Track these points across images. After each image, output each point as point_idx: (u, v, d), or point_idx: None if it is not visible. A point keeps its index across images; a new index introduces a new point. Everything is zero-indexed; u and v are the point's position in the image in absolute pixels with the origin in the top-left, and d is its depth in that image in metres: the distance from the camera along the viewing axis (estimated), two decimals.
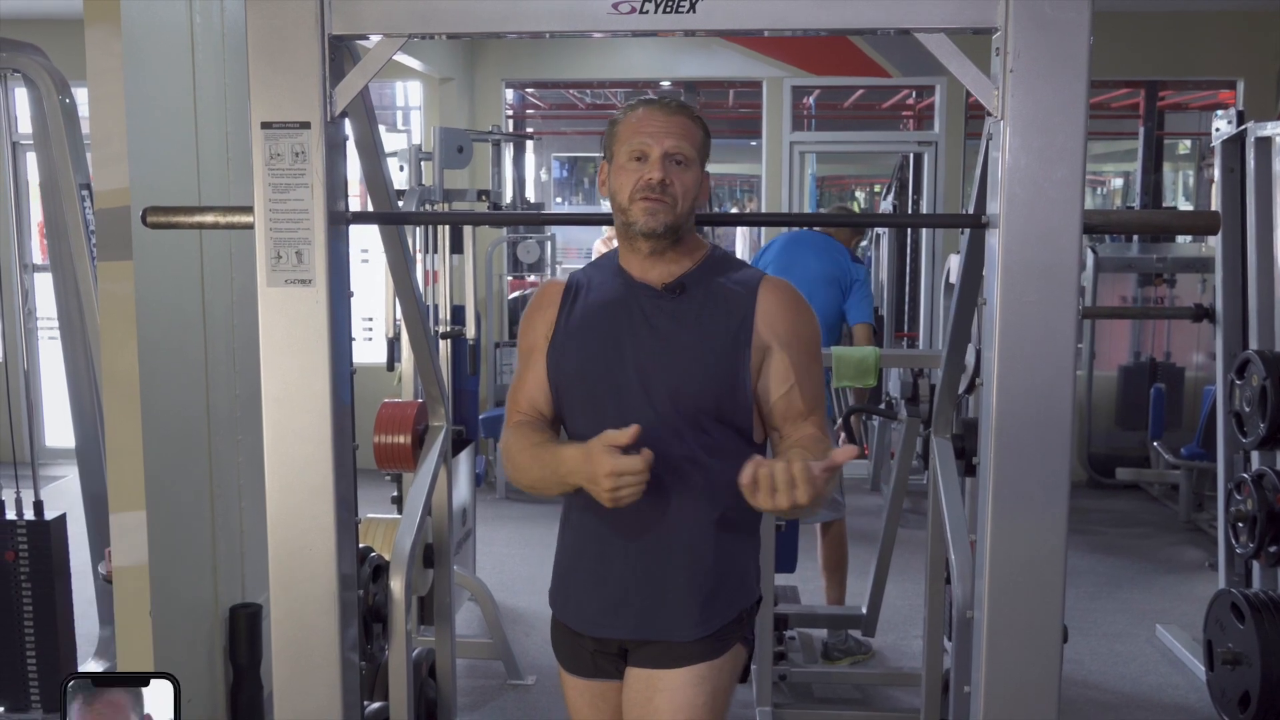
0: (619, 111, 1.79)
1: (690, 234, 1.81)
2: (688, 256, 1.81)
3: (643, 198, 1.72)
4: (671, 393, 1.74)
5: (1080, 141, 1.56)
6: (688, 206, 1.75)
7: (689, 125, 1.75)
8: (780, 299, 1.80)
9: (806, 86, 7.55)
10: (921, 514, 5.60)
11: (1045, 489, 1.63)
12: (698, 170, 1.76)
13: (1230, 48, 6.59)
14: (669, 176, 1.72)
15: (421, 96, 6.95)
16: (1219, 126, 3.57)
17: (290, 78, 1.68)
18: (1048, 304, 1.58)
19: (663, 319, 1.77)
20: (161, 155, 2.79)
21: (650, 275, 1.79)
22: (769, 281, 1.82)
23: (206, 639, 3.03)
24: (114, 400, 2.67)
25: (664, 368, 1.75)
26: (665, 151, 1.72)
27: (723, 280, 1.80)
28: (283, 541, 1.76)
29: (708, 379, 1.74)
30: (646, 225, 1.73)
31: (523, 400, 1.87)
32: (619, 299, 1.80)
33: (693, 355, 1.75)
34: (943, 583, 2.73)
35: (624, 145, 1.75)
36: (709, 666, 1.76)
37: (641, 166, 1.73)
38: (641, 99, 1.79)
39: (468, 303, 4.53)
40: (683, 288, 1.78)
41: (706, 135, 1.80)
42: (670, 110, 1.75)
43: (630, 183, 1.73)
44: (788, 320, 1.78)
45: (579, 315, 1.83)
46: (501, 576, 4.78)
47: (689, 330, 1.76)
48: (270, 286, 1.71)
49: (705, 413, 1.75)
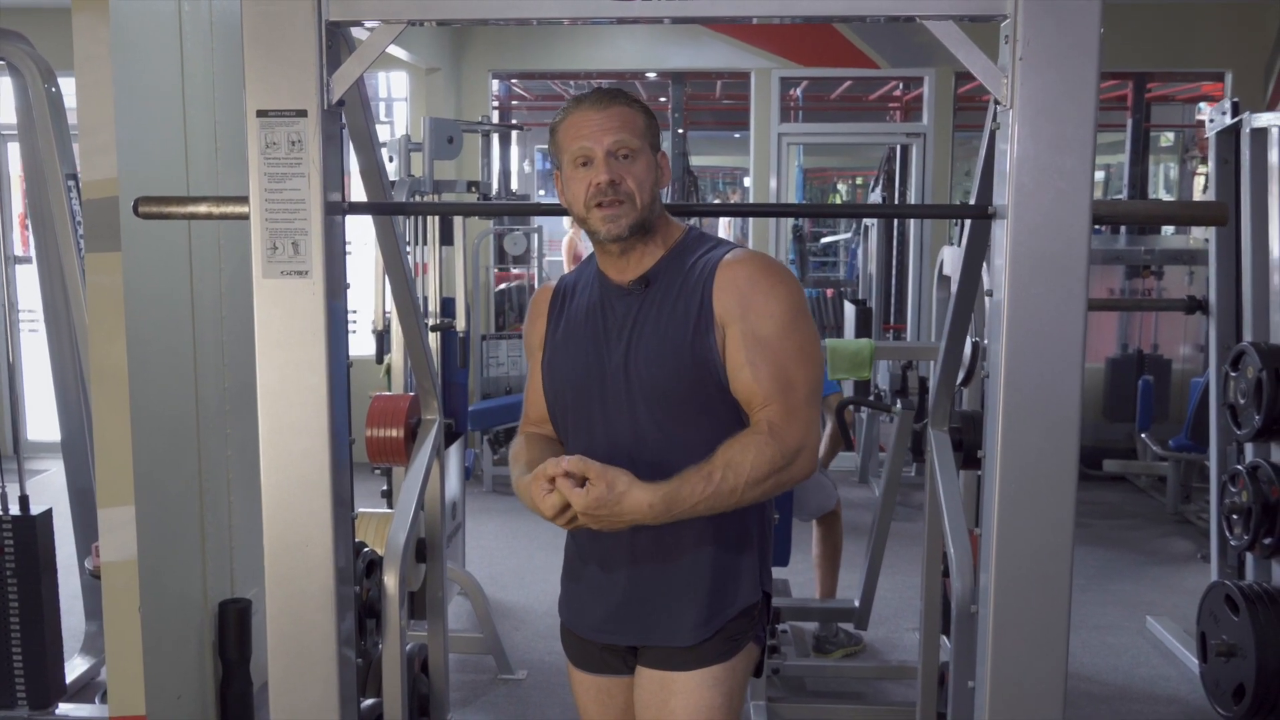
0: (556, 117, 1.71)
1: (661, 222, 1.74)
2: (660, 245, 1.74)
3: (598, 204, 1.66)
4: (649, 392, 1.69)
5: (1090, 131, 1.54)
6: (647, 198, 1.68)
7: (627, 113, 1.67)
8: (738, 273, 1.67)
9: (795, 78, 7.53)
10: (910, 507, 5.64)
11: (1052, 482, 1.61)
12: (647, 157, 1.69)
13: (1219, 39, 6.61)
14: (618, 174, 1.65)
15: (406, 87, 6.90)
16: (1212, 118, 3.57)
17: (286, 65, 1.65)
18: (1057, 295, 1.56)
19: (631, 317, 1.72)
20: (150, 145, 2.75)
21: (625, 273, 1.74)
22: (733, 255, 1.70)
23: (196, 634, 3.00)
24: (102, 394, 2.63)
25: (638, 367, 1.70)
26: (608, 150, 1.65)
27: (690, 263, 1.72)
28: (279, 536, 1.74)
29: (679, 369, 1.67)
30: (609, 233, 1.67)
31: (531, 409, 1.87)
32: (595, 304, 1.77)
33: (659, 348, 1.68)
34: (940, 576, 2.72)
35: (566, 153, 1.68)
36: (724, 668, 1.74)
37: (588, 172, 1.66)
38: (573, 98, 1.71)
39: (458, 295, 4.49)
40: (647, 283, 1.72)
41: (649, 117, 1.71)
42: (603, 104, 1.66)
43: (582, 191, 1.67)
44: (740, 295, 1.65)
45: (564, 325, 1.81)
46: (491, 570, 4.76)
47: (654, 324, 1.70)
48: (266, 278, 1.68)
49: (686, 406, 1.69)
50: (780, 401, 1.63)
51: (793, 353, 1.65)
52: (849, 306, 6.37)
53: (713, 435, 1.64)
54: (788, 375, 1.64)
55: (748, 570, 1.77)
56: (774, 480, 1.60)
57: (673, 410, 1.70)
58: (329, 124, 1.68)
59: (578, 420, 1.77)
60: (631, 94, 1.73)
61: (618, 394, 1.72)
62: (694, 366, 1.67)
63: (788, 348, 1.65)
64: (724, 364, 1.67)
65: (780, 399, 1.63)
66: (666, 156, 1.76)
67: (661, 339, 1.69)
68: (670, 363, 1.68)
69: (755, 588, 1.78)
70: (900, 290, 6.89)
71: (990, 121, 1.69)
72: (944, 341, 2.36)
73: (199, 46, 2.95)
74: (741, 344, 1.64)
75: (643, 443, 1.70)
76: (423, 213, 4.14)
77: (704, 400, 1.69)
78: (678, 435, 1.69)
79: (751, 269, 1.68)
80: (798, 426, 1.62)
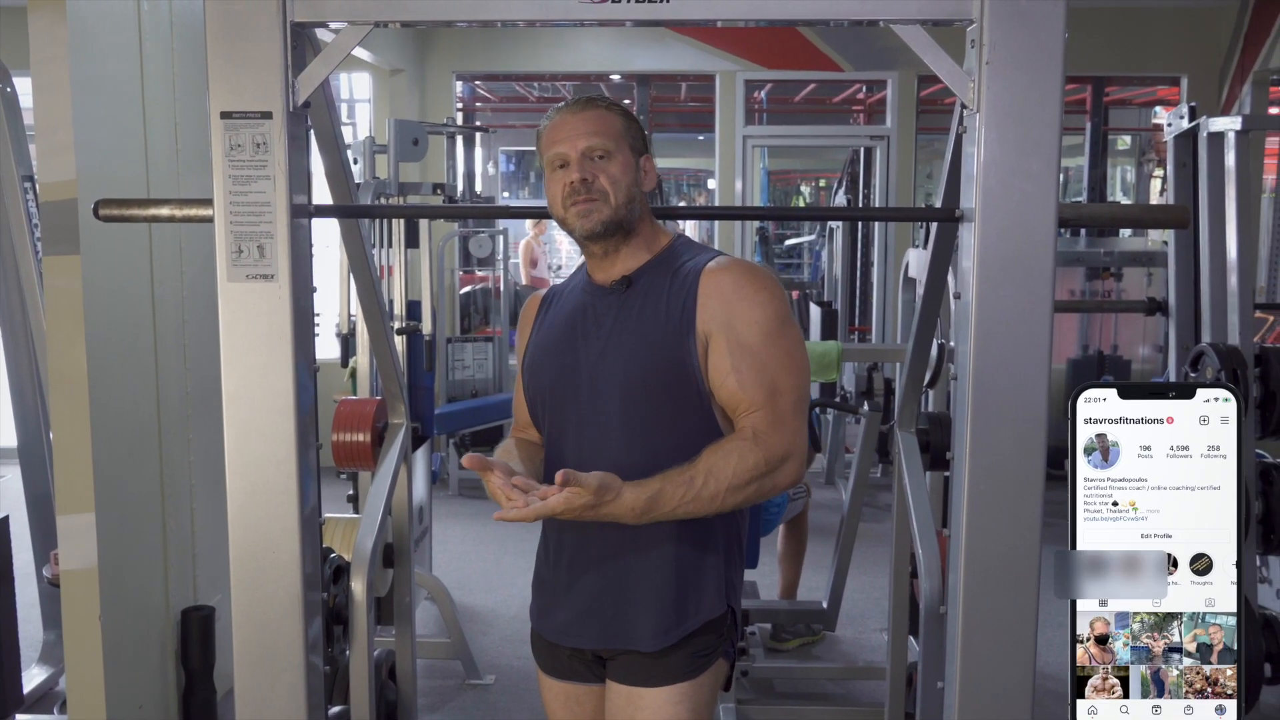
0: (540, 125, 1.76)
1: (646, 226, 1.76)
2: (645, 249, 1.76)
3: (572, 203, 1.70)
4: (623, 390, 1.69)
5: (1055, 134, 1.55)
6: (623, 196, 1.70)
7: (602, 116, 1.71)
8: (722, 280, 1.67)
9: (759, 80, 7.56)
10: (877, 508, 5.66)
11: (1020, 482, 1.62)
12: (625, 157, 1.71)
13: (1175, 44, 6.71)
14: (590, 173, 1.69)
15: (370, 89, 6.86)
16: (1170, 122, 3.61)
17: (251, 67, 1.63)
18: (1023, 297, 1.57)
19: (609, 318, 1.73)
20: (109, 146, 2.71)
21: (608, 274, 1.76)
22: (717, 263, 1.71)
23: (158, 642, 2.96)
24: (61, 399, 2.59)
25: (614, 365, 1.70)
26: (582, 152, 1.69)
27: (675, 268, 1.73)
28: (244, 542, 1.71)
29: (654, 369, 1.67)
30: (584, 228, 1.70)
31: (517, 412, 1.91)
32: (576, 305, 1.79)
33: (636, 347, 1.69)
34: (908, 577, 2.74)
35: (546, 157, 1.73)
36: (691, 685, 1.73)
37: (565, 173, 1.71)
38: (554, 108, 1.75)
39: (424, 298, 4.47)
40: (629, 283, 1.73)
41: (628, 119, 1.75)
42: (579, 108, 1.72)
43: (559, 192, 1.71)
44: (725, 302, 1.66)
45: (545, 328, 1.83)
46: (458, 575, 4.73)
47: (631, 326, 1.71)
48: (231, 282, 1.66)
49: (659, 408, 1.69)
50: (766, 409, 1.63)
51: (779, 359, 1.65)
52: (814, 309, 6.40)
53: (685, 440, 1.64)
54: (774, 382, 1.64)
55: (712, 572, 1.75)
56: (756, 487, 1.61)
57: (645, 411, 1.69)
58: (294, 126, 1.67)
59: (555, 419, 1.78)
60: (611, 99, 1.76)
61: (593, 392, 1.72)
62: (670, 367, 1.67)
63: (774, 354, 1.65)
64: (703, 370, 1.67)
65: (766, 406, 1.63)
66: (652, 159, 1.78)
67: (640, 338, 1.69)
68: (646, 362, 1.68)
69: (721, 597, 1.76)
70: (865, 292, 6.93)
71: (956, 125, 1.70)
72: (911, 344, 2.38)
73: (159, 46, 2.91)
74: (727, 351, 1.65)
75: (614, 442, 1.70)
76: (388, 215, 4.11)
77: (678, 404, 1.69)
78: (648, 437, 1.69)
79: (736, 276, 1.69)
80: (784, 434, 1.63)
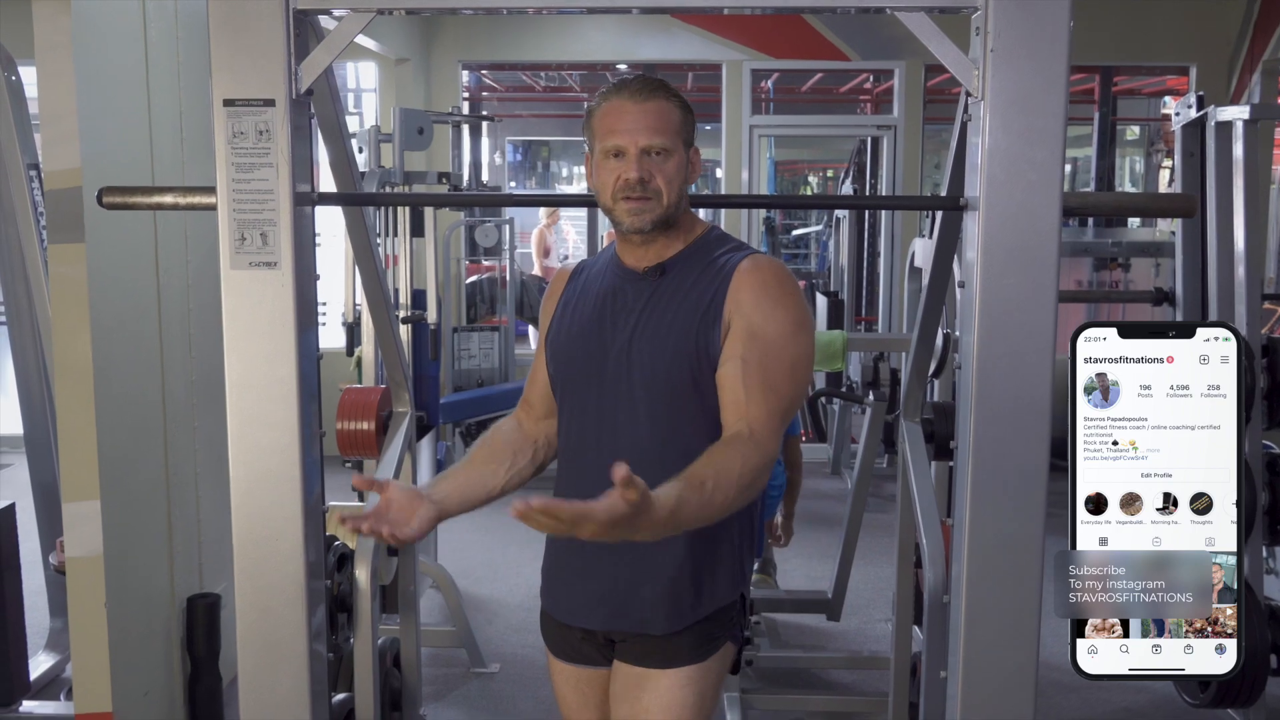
0: (594, 100, 1.71)
1: (685, 216, 1.75)
2: (680, 239, 1.75)
3: (625, 198, 1.67)
4: (647, 378, 1.69)
5: (1060, 123, 1.55)
6: (674, 197, 1.68)
7: (664, 110, 1.66)
8: (755, 277, 1.67)
9: (766, 70, 7.53)
10: (882, 498, 5.65)
11: (1024, 472, 1.62)
12: (680, 155, 1.69)
13: (1184, 33, 6.67)
14: (648, 172, 1.65)
15: (375, 78, 6.85)
16: (1178, 111, 3.59)
17: (254, 54, 1.63)
18: (1028, 286, 1.57)
19: (640, 303, 1.72)
20: (114, 134, 2.71)
21: (642, 260, 1.75)
22: (752, 258, 1.70)
23: (163, 630, 2.97)
24: (67, 387, 2.60)
25: (640, 351, 1.70)
26: (641, 149, 1.65)
27: (709, 260, 1.72)
28: (248, 530, 1.72)
29: (681, 357, 1.67)
30: (633, 225, 1.68)
31: (529, 387, 1.89)
32: (607, 288, 1.77)
33: (665, 334, 1.69)
34: (912, 566, 2.73)
35: (600, 142, 1.69)
36: (699, 669, 1.74)
37: (619, 164, 1.66)
38: (614, 84, 1.70)
39: (429, 287, 4.47)
40: (663, 271, 1.73)
41: (685, 111, 1.71)
42: (643, 97, 1.66)
43: (610, 182, 1.67)
44: (754, 294, 1.65)
45: (573, 306, 1.81)
46: (463, 563, 4.73)
47: (662, 312, 1.71)
48: (234, 269, 1.67)
49: (683, 396, 1.69)
50: (761, 405, 1.62)
51: (785, 361, 1.65)
52: (821, 298, 6.39)
53: (705, 429, 1.65)
54: (775, 381, 1.63)
55: (726, 559, 1.76)
56: (755, 487, 1.60)
57: (669, 398, 1.69)
58: (297, 114, 1.66)
59: (576, 401, 1.77)
60: (670, 86, 1.71)
61: (617, 377, 1.71)
62: (697, 357, 1.67)
63: (783, 355, 1.64)
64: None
65: (762, 401, 1.62)
66: (699, 152, 1.76)
67: (669, 326, 1.69)
68: (673, 349, 1.68)
69: (733, 584, 1.77)
70: (871, 282, 6.91)
71: (961, 113, 1.69)
72: (916, 333, 2.37)
73: (163, 34, 2.91)
74: (740, 337, 1.64)
75: (634, 428, 1.69)
76: (393, 204, 4.11)
77: (703, 393, 1.68)
78: (670, 425, 1.69)
79: (772, 273, 1.69)
80: (774, 436, 1.63)
